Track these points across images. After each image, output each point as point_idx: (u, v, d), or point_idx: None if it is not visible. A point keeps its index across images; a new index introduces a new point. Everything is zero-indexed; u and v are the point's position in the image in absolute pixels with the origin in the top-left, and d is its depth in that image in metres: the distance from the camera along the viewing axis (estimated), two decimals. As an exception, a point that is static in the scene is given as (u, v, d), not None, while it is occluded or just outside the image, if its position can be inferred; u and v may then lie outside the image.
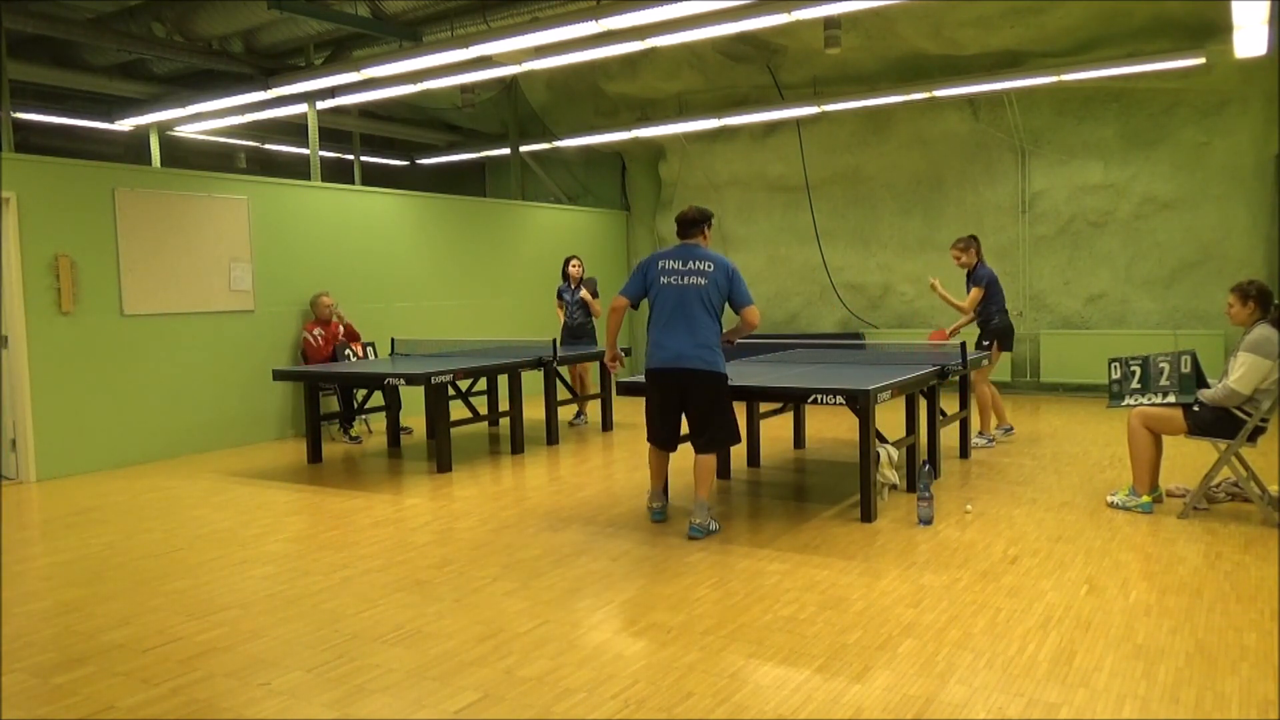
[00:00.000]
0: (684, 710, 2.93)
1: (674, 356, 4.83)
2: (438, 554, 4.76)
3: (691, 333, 4.81)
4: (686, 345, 4.81)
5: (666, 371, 4.87)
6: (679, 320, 4.83)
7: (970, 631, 3.52)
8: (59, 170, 7.25)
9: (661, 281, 4.90)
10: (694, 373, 4.82)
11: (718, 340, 4.91)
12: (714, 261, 4.91)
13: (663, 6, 6.36)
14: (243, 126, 11.61)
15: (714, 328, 4.89)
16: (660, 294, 4.90)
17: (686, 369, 4.82)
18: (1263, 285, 4.98)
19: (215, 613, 3.98)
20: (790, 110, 10.37)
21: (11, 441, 7.07)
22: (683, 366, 4.81)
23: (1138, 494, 5.25)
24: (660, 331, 4.90)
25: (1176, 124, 9.49)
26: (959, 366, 6.17)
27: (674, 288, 4.86)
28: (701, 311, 4.83)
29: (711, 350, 4.85)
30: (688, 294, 4.84)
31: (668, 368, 4.86)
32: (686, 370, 4.82)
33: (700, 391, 4.86)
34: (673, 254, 4.96)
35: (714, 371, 4.85)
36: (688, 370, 4.82)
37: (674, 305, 4.85)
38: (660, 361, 4.88)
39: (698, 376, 4.83)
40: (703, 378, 4.84)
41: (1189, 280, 9.63)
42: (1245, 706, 2.85)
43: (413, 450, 7.99)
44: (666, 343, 4.86)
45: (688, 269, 4.87)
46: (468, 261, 10.77)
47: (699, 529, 4.86)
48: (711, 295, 4.86)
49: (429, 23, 8.59)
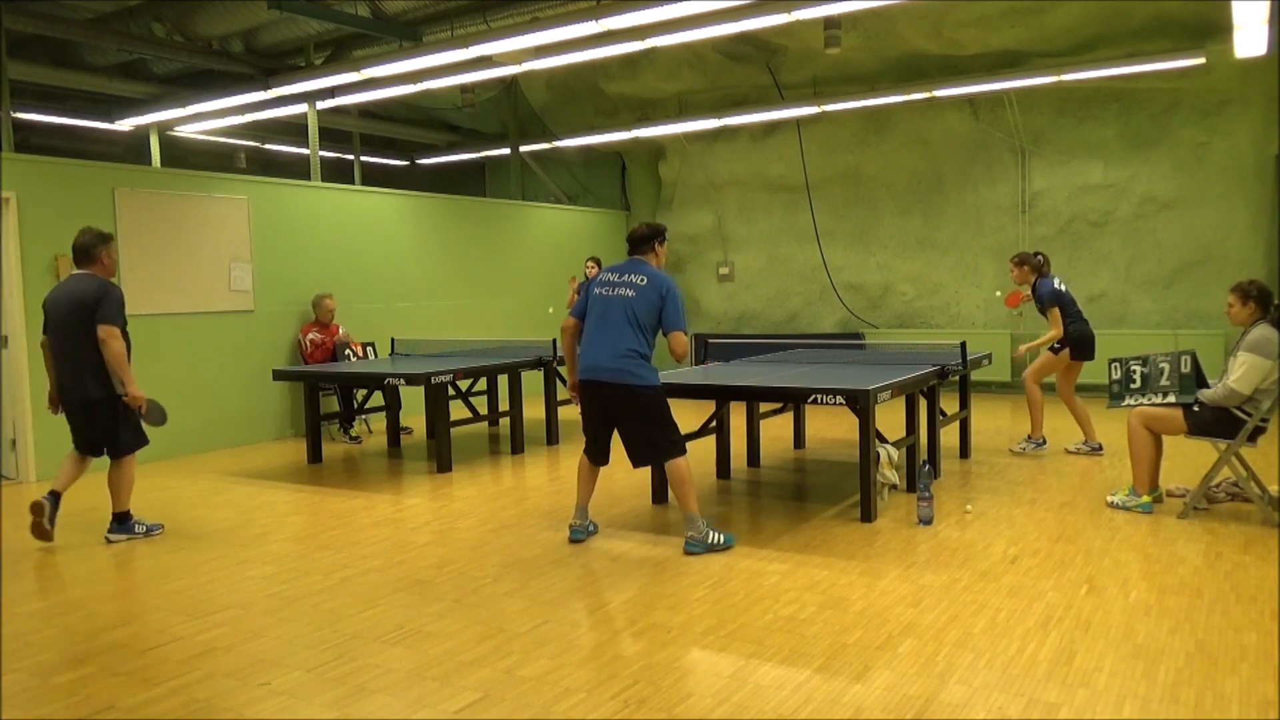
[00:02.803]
0: (684, 710, 2.93)
1: (591, 368, 4.67)
2: (438, 554, 4.76)
3: (610, 343, 4.62)
4: (603, 356, 4.63)
5: (586, 384, 4.72)
6: (599, 330, 4.68)
7: (970, 631, 3.52)
8: (59, 170, 7.25)
9: (595, 292, 4.78)
10: (611, 386, 4.63)
11: (642, 352, 4.65)
12: (649, 277, 4.70)
13: (663, 6, 6.36)
14: (243, 126, 11.60)
15: (636, 339, 4.62)
16: (591, 305, 4.78)
17: (603, 381, 4.64)
18: (1263, 285, 4.98)
19: (215, 613, 3.98)
20: (790, 110, 10.37)
21: (11, 441, 7.07)
22: (599, 380, 4.65)
23: (1138, 494, 5.25)
24: (584, 341, 4.76)
25: (1176, 124, 9.49)
26: (959, 366, 6.17)
27: (602, 299, 4.72)
28: (624, 323, 4.62)
29: (632, 360, 4.61)
30: (612, 305, 4.67)
31: (587, 379, 4.71)
32: (603, 383, 4.65)
33: (619, 405, 4.67)
34: (615, 268, 4.83)
35: (632, 385, 4.61)
36: (604, 383, 4.64)
37: (598, 315, 4.71)
38: (581, 372, 4.74)
39: (616, 390, 4.63)
40: (621, 391, 4.63)
41: (1189, 280, 9.63)
42: (1245, 706, 2.85)
43: (413, 450, 7.99)
44: (587, 351, 4.71)
45: (621, 281, 4.72)
46: (468, 261, 10.77)
47: (696, 543, 4.64)
48: (638, 309, 4.63)
49: (429, 23, 8.59)
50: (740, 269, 12.29)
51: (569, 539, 4.91)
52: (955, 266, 10.82)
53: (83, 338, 4.95)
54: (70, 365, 5.04)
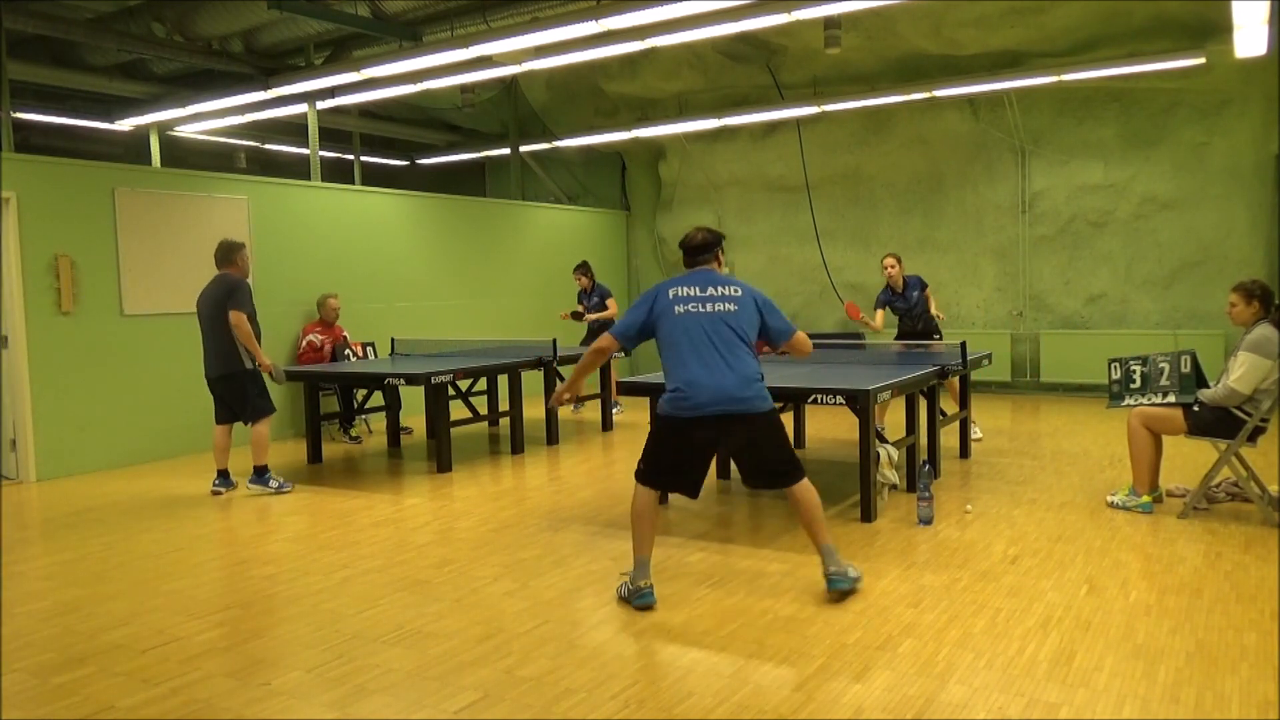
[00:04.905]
0: (684, 710, 2.93)
1: (718, 399, 3.87)
2: (438, 554, 4.76)
3: (733, 370, 3.90)
4: (732, 385, 3.87)
5: (707, 420, 3.89)
6: (707, 354, 3.91)
7: (970, 631, 3.52)
8: (59, 170, 7.24)
9: (676, 311, 3.99)
10: (748, 417, 3.93)
11: (761, 374, 4.04)
12: (739, 287, 4.09)
13: (663, 6, 6.36)
14: (243, 126, 11.60)
15: (753, 359, 4.02)
16: (677, 325, 3.98)
17: (737, 414, 3.90)
18: (1266, 285, 4.98)
19: (215, 613, 3.98)
20: (790, 110, 10.37)
21: (11, 441, 7.07)
22: (733, 411, 3.89)
23: (1138, 494, 5.25)
24: (690, 369, 3.91)
25: (1176, 124, 9.49)
26: (959, 367, 6.17)
27: (697, 316, 3.97)
28: (736, 342, 3.96)
29: (761, 385, 4.00)
30: (715, 322, 3.96)
31: (709, 415, 3.89)
32: (737, 415, 3.90)
33: (747, 434, 3.98)
34: (685, 280, 4.09)
35: (766, 413, 4.00)
36: (739, 415, 3.91)
37: (700, 336, 3.93)
38: (698, 407, 3.88)
39: (744, 421, 3.94)
40: (751, 421, 3.95)
41: (1189, 280, 9.62)
42: (1245, 706, 2.85)
43: (413, 450, 7.99)
44: (705, 382, 3.87)
45: (708, 295, 4.01)
46: (468, 261, 10.77)
47: (840, 578, 3.95)
48: (745, 324, 4.00)
49: (429, 23, 8.59)
50: (740, 269, 12.28)
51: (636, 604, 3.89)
52: (955, 266, 10.82)
53: (218, 325, 6.16)
54: (212, 345, 6.24)
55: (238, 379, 6.25)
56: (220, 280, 6.26)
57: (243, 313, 6.13)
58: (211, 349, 6.25)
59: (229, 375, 6.24)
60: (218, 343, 6.19)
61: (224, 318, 6.11)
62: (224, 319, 6.11)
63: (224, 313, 6.11)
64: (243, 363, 6.22)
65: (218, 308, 6.15)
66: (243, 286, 6.23)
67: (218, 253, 6.34)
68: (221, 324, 6.13)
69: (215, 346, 6.22)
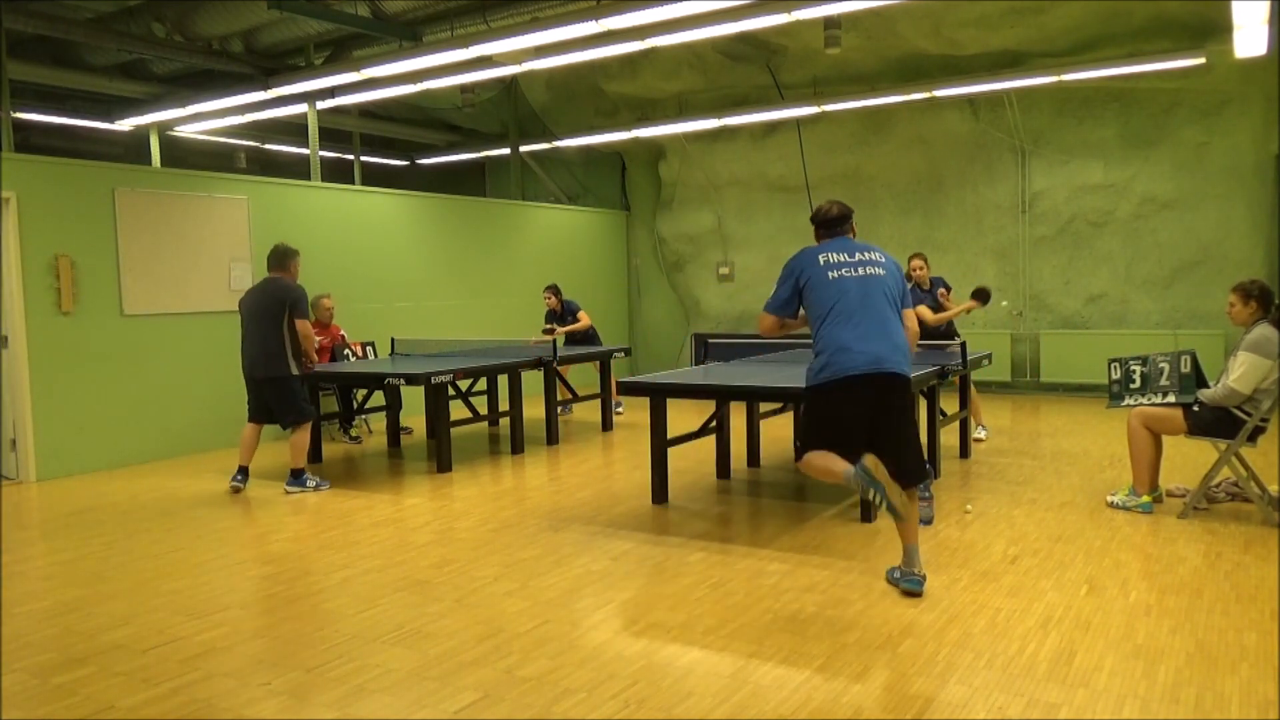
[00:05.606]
0: (684, 710, 2.93)
1: (874, 359, 3.86)
2: (438, 554, 4.76)
3: (886, 333, 3.92)
4: (885, 347, 3.89)
5: (864, 378, 3.87)
6: (868, 317, 3.91)
7: (970, 631, 3.52)
8: (59, 170, 7.25)
9: (830, 276, 3.97)
10: (896, 378, 3.92)
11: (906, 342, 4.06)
12: (883, 255, 4.11)
13: (663, 6, 6.35)
14: (243, 126, 11.60)
15: (901, 329, 4.03)
16: (831, 288, 3.95)
17: (887, 373, 3.88)
18: (1265, 285, 4.98)
19: (215, 613, 3.98)
20: (790, 110, 10.37)
21: (11, 441, 7.07)
22: (885, 370, 3.88)
23: (1138, 494, 5.25)
24: (848, 330, 3.89)
25: (1176, 124, 9.49)
26: (959, 367, 6.17)
27: (853, 279, 3.96)
28: (887, 306, 3.97)
29: (907, 354, 4.01)
30: (870, 285, 3.97)
31: (867, 373, 3.86)
32: (887, 375, 3.88)
33: (898, 401, 3.99)
34: (830, 247, 4.08)
35: (908, 378, 4.02)
36: (888, 375, 3.89)
37: (858, 299, 3.93)
38: (856, 367, 3.85)
39: (899, 384, 3.95)
40: (902, 387, 3.98)
41: (1189, 280, 9.63)
42: (1245, 706, 2.85)
43: (413, 450, 7.99)
44: (861, 345, 3.87)
45: (858, 260, 4.01)
46: (468, 261, 10.77)
47: (916, 579, 3.98)
48: (892, 290, 4.03)
49: (429, 23, 8.59)
50: (740, 269, 12.29)
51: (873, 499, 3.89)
52: (955, 266, 10.80)
53: (269, 327, 6.14)
54: (260, 347, 6.19)
55: (285, 384, 6.24)
56: (275, 284, 6.25)
57: (306, 320, 6.23)
58: (259, 350, 6.20)
59: (276, 379, 6.22)
60: (265, 344, 6.17)
61: (274, 320, 6.13)
62: (274, 321, 6.13)
63: (274, 315, 6.13)
64: (290, 367, 6.23)
65: (269, 310, 6.15)
66: (302, 293, 6.29)
67: (271, 256, 6.34)
68: (270, 326, 6.14)
69: (263, 348, 6.18)
